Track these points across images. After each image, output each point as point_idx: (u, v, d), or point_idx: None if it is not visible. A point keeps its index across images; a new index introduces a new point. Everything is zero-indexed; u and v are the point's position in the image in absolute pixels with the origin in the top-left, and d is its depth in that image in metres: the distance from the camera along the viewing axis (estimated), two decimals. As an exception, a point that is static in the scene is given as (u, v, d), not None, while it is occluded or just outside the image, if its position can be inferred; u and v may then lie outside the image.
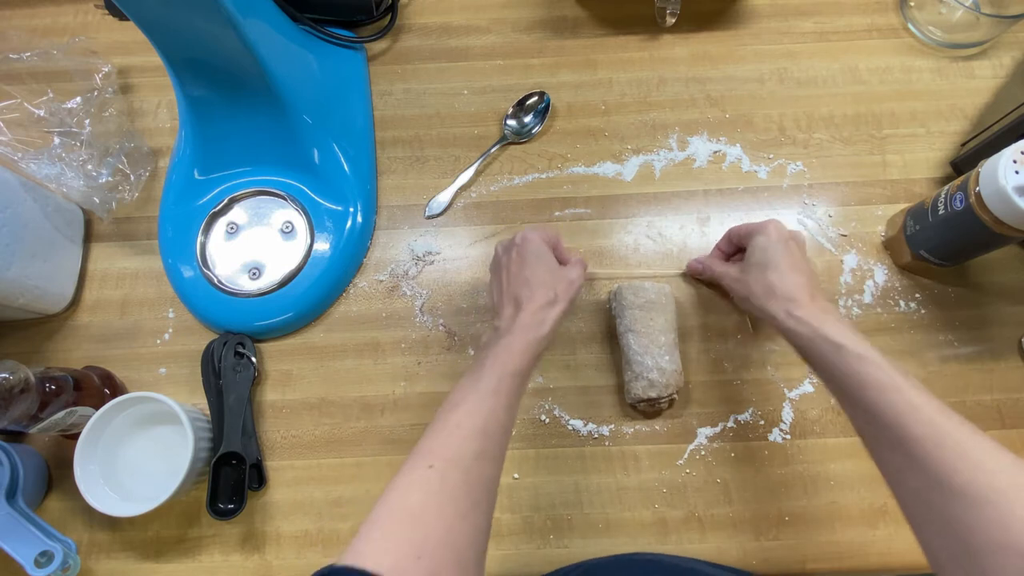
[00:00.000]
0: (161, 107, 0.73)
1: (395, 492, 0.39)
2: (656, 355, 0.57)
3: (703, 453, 0.59)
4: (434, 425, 0.44)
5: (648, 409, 0.60)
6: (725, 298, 0.63)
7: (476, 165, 0.68)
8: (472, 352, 0.63)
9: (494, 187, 0.69)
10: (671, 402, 0.59)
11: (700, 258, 0.62)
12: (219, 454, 0.57)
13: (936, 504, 0.37)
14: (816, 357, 0.46)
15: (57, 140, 0.64)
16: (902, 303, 0.63)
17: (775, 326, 0.50)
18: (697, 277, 0.63)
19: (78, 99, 0.67)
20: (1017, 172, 0.49)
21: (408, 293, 0.65)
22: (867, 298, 0.63)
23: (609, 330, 0.63)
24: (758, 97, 0.70)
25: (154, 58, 0.57)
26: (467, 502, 0.40)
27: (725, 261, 0.60)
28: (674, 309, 0.61)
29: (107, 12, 0.66)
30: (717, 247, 0.62)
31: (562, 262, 0.57)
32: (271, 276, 0.64)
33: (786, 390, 0.60)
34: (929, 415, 0.39)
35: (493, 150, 0.69)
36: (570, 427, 0.60)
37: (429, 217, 0.68)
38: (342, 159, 0.65)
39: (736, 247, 0.60)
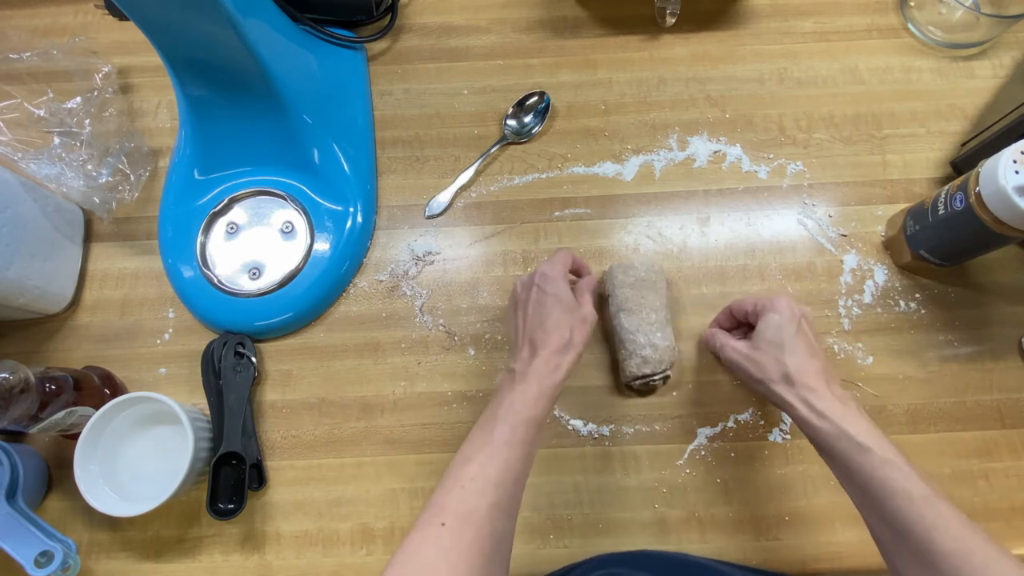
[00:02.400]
0: (161, 107, 0.73)
1: (407, 550, 0.39)
2: (648, 332, 0.57)
3: (703, 453, 0.59)
4: (446, 479, 0.43)
5: (644, 388, 0.60)
6: (728, 372, 0.61)
7: (476, 165, 0.68)
8: (472, 352, 0.63)
9: (494, 187, 0.69)
10: (666, 379, 0.59)
11: (709, 331, 0.59)
12: (219, 454, 0.57)
13: None
14: (837, 455, 0.44)
15: (57, 140, 0.64)
16: (902, 303, 0.63)
17: (790, 415, 0.48)
18: (711, 349, 0.58)
19: (78, 99, 0.67)
20: (1017, 172, 0.49)
21: (408, 293, 0.65)
22: (867, 298, 0.63)
23: (609, 330, 0.63)
24: (758, 97, 0.70)
25: (154, 58, 0.57)
26: (480, 558, 0.40)
27: (730, 334, 0.57)
28: (665, 285, 0.61)
29: (107, 12, 0.66)
30: (716, 321, 0.60)
31: (579, 273, 0.58)
32: (271, 276, 0.64)
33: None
34: (958, 529, 0.38)
35: (493, 150, 0.69)
36: (570, 427, 0.60)
37: (429, 217, 0.68)
38: (342, 159, 0.65)
39: (738, 322, 0.58)
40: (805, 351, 0.49)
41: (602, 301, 0.62)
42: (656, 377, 0.58)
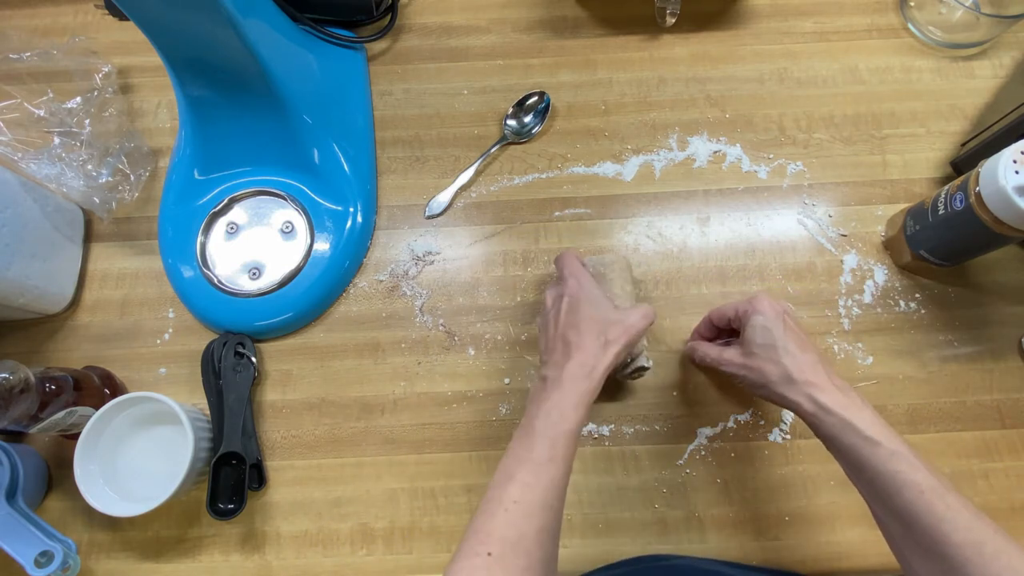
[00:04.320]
0: (161, 107, 0.73)
1: None
2: None
3: (703, 453, 0.59)
4: (488, 501, 0.41)
5: (629, 376, 0.58)
6: (717, 382, 0.61)
7: (476, 165, 0.68)
8: (472, 352, 0.63)
9: (494, 187, 0.69)
10: (640, 370, 0.57)
11: (691, 344, 0.58)
12: (219, 454, 0.57)
13: None
14: (845, 449, 0.44)
15: (57, 140, 0.64)
16: (902, 303, 0.63)
17: (796, 412, 0.47)
18: (695, 363, 0.59)
19: (78, 99, 0.67)
20: (1017, 172, 0.49)
21: (408, 293, 0.65)
22: (867, 298, 0.63)
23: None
24: (758, 97, 0.70)
25: (154, 58, 0.57)
26: None
27: (714, 345, 0.56)
28: (629, 275, 0.59)
29: (107, 12, 0.66)
30: (697, 332, 0.59)
31: None
32: (271, 276, 0.64)
33: (786, 390, 0.60)
34: (968, 520, 0.38)
35: (493, 150, 0.69)
36: (570, 427, 0.60)
37: (429, 217, 0.68)
38: (342, 159, 0.65)
39: (719, 331, 0.57)
40: (798, 347, 0.48)
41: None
42: (629, 367, 0.56)
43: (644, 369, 0.58)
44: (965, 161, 0.65)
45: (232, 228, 0.65)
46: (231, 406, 0.59)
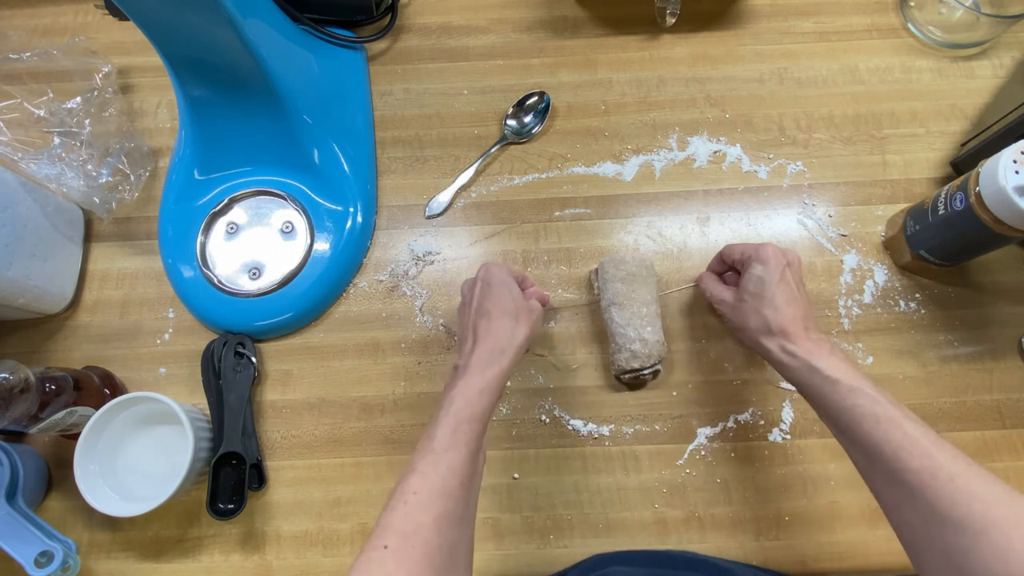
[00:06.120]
0: (161, 107, 0.73)
1: None
2: (638, 326, 0.58)
3: (703, 453, 0.59)
4: (391, 496, 0.41)
5: (633, 382, 0.60)
6: (719, 317, 0.63)
7: (476, 165, 0.68)
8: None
9: (494, 187, 0.69)
10: (655, 373, 0.60)
11: (701, 275, 0.61)
12: (219, 454, 0.57)
13: (935, 536, 0.37)
14: (811, 391, 0.46)
15: (57, 140, 0.64)
16: (902, 303, 0.63)
17: (768, 360, 0.50)
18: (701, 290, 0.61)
19: (78, 99, 0.67)
20: (1017, 172, 0.49)
21: (408, 293, 0.65)
22: (867, 298, 0.63)
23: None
24: (758, 97, 0.70)
25: (154, 58, 0.57)
26: (431, 574, 0.38)
27: (719, 280, 0.59)
28: (655, 280, 0.61)
29: (107, 12, 0.66)
30: (710, 267, 0.61)
31: (523, 285, 0.57)
32: (271, 276, 0.64)
33: (786, 390, 0.60)
34: (925, 447, 0.39)
35: (493, 150, 0.69)
36: (570, 427, 0.60)
37: (429, 217, 0.68)
38: (342, 159, 0.65)
39: (728, 266, 0.58)
40: (784, 301, 0.50)
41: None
42: (645, 371, 0.58)
43: (657, 372, 0.59)
44: (965, 161, 0.65)
45: (232, 228, 0.65)
46: (231, 406, 0.59)
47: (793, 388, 0.60)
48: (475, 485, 0.44)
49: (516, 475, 0.59)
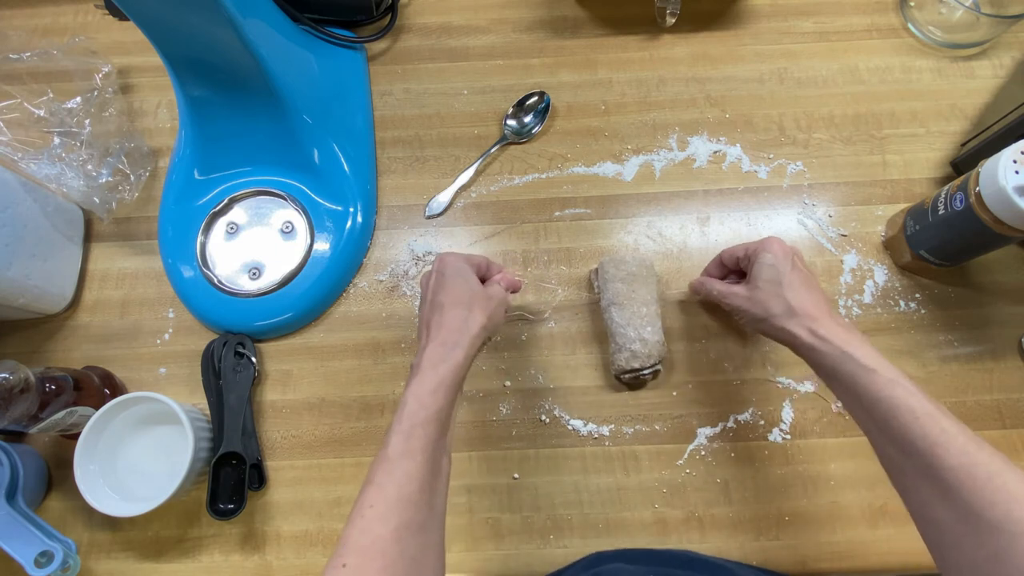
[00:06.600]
0: (161, 107, 0.73)
1: None
2: (638, 326, 0.58)
3: (703, 453, 0.59)
4: (352, 509, 0.40)
5: (633, 382, 0.60)
6: (719, 317, 0.63)
7: (476, 165, 0.68)
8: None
9: (494, 187, 0.69)
10: (655, 374, 0.60)
11: (699, 279, 0.60)
12: (219, 454, 0.57)
13: (966, 536, 0.36)
14: (842, 378, 0.44)
15: (57, 140, 0.64)
16: (902, 303, 0.63)
17: (795, 344, 0.48)
18: (700, 296, 0.61)
19: (78, 99, 0.67)
20: (1017, 172, 0.49)
21: (408, 293, 0.65)
22: (867, 298, 0.63)
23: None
24: (758, 97, 0.70)
25: (154, 58, 0.57)
26: None
27: (719, 280, 0.58)
28: (656, 280, 0.61)
29: (107, 12, 0.66)
30: (706, 271, 0.60)
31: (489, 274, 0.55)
32: (271, 276, 0.64)
33: (786, 390, 0.60)
34: (963, 444, 0.38)
35: (493, 150, 0.69)
36: (570, 427, 0.60)
37: (429, 217, 0.68)
38: (342, 159, 0.65)
39: (728, 270, 0.58)
40: (803, 285, 0.49)
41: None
42: (645, 371, 0.58)
43: (657, 372, 0.59)
44: (965, 161, 0.65)
45: (232, 228, 0.65)
46: (231, 406, 0.59)
47: (793, 386, 0.60)
48: (439, 487, 0.43)
49: (516, 475, 0.59)
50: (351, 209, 0.65)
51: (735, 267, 0.57)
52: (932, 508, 0.38)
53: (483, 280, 0.54)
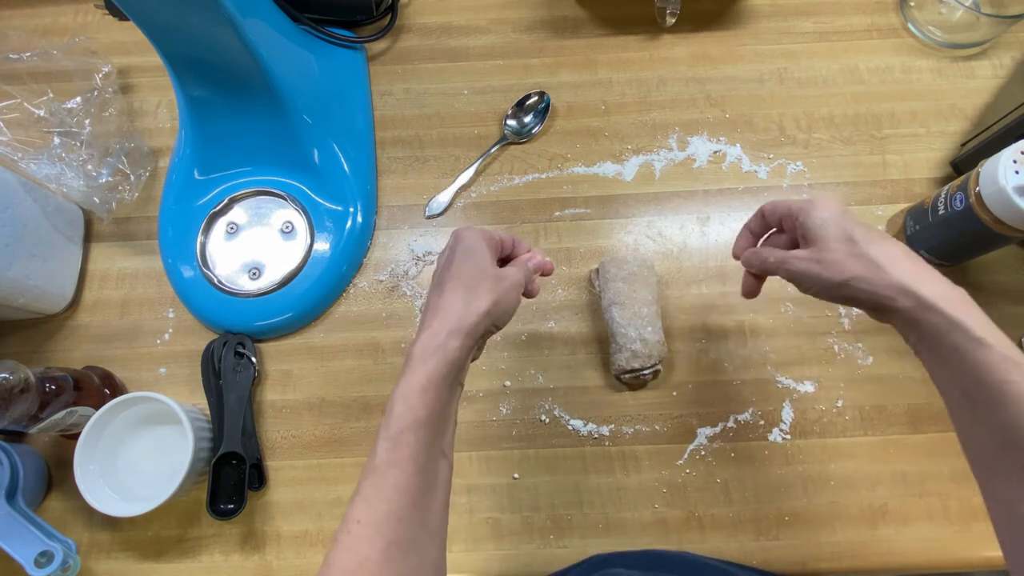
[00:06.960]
0: (161, 107, 0.73)
1: None
2: (639, 326, 0.58)
3: (703, 453, 0.59)
4: (340, 524, 0.36)
5: (633, 381, 0.60)
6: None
7: (476, 165, 0.68)
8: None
9: (494, 187, 0.69)
10: (655, 373, 0.60)
11: (751, 250, 0.50)
12: (219, 454, 0.57)
13: None
14: (946, 351, 0.37)
15: (57, 140, 0.64)
16: (902, 303, 0.63)
17: (883, 311, 0.41)
18: (753, 268, 0.50)
19: (78, 99, 0.67)
20: (1017, 172, 0.49)
21: (408, 293, 0.65)
22: (867, 298, 0.63)
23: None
24: (758, 97, 0.70)
25: (154, 58, 0.57)
26: None
27: (774, 248, 0.48)
28: (656, 280, 0.61)
29: (107, 12, 0.66)
30: (747, 227, 0.51)
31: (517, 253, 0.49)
32: (271, 276, 0.64)
33: (786, 390, 0.60)
34: None
35: (493, 150, 0.69)
36: (570, 427, 0.60)
37: (429, 217, 0.68)
38: (342, 159, 0.65)
39: (767, 227, 0.50)
40: (879, 237, 0.41)
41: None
42: (645, 371, 0.58)
43: (657, 372, 0.59)
44: (965, 161, 0.65)
45: (232, 228, 0.65)
46: (231, 406, 0.59)
47: (793, 386, 0.60)
48: (434, 500, 0.38)
49: (516, 475, 0.59)
50: (351, 209, 0.65)
51: (777, 224, 0.49)
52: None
53: (508, 260, 0.49)
